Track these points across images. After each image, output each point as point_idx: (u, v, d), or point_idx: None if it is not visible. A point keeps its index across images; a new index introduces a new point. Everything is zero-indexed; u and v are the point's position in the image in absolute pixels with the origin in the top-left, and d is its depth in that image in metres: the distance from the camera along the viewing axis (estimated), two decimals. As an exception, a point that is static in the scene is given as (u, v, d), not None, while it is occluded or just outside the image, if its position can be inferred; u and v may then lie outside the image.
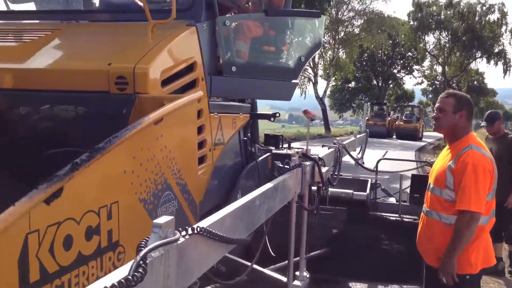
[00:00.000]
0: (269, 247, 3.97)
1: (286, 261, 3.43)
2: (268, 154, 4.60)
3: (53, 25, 3.74)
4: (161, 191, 2.32)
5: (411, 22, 42.63)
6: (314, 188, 3.64)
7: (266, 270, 3.89)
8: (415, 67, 54.94)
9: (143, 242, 1.28)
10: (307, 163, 3.39)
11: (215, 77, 3.56)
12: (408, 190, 6.56)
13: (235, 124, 3.96)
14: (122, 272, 1.15)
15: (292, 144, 5.56)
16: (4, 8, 4.67)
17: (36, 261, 1.56)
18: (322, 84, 43.09)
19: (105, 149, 1.88)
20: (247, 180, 4.06)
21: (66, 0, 4.52)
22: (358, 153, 8.09)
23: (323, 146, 5.54)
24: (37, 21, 4.06)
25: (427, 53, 45.46)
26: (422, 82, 58.65)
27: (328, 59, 40.53)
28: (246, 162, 4.24)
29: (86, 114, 2.90)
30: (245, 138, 4.32)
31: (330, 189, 5.96)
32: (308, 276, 3.81)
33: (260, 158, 4.38)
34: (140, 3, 3.95)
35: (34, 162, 2.98)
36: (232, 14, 3.96)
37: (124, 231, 2.04)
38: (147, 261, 1.16)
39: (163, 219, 1.35)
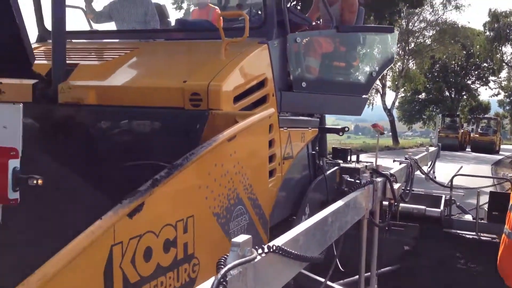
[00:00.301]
0: (337, 262, 3.94)
1: (355, 276, 3.39)
2: (336, 168, 4.57)
3: (132, 44, 3.96)
4: (233, 206, 2.38)
5: (487, 33, 40.84)
6: (385, 203, 3.58)
7: (337, 286, 3.86)
8: (491, 78, 52.41)
9: (222, 260, 1.33)
10: (379, 179, 3.35)
11: (285, 92, 3.61)
12: (485, 207, 6.25)
13: (304, 138, 3.98)
14: (203, 288, 1.20)
15: (359, 156, 5.49)
16: (88, 28, 5.01)
17: (119, 271, 1.66)
18: (390, 95, 42.14)
19: (183, 165, 1.96)
20: (315, 194, 4.06)
21: (143, 20, 4.76)
22: (429, 167, 7.83)
23: (394, 161, 5.42)
24: (117, 40, 4.31)
25: (504, 64, 43.25)
26: (499, 93, 55.78)
27: (397, 70, 39.59)
28: (314, 176, 4.24)
29: (162, 129, 3.04)
30: (313, 152, 4.32)
31: (401, 205, 5.82)
32: (379, 292, 3.74)
33: (328, 172, 4.37)
34: (213, 23, 4.11)
35: (115, 174, 3.16)
36: (303, 31, 4.01)
37: (198, 244, 2.11)
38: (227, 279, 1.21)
39: (241, 238, 1.39)
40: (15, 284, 1.36)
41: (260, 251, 1.49)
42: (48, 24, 4.19)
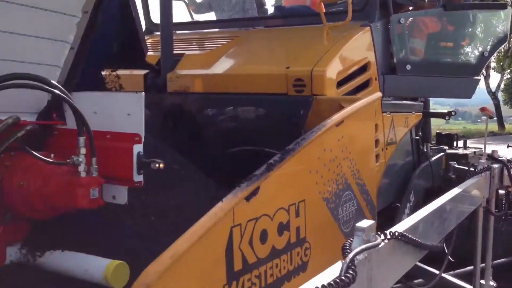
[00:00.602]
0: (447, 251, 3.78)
1: (467, 268, 3.24)
2: (442, 153, 4.37)
3: (232, 32, 4.04)
4: (342, 191, 2.37)
5: None
6: (501, 191, 3.36)
7: (451, 278, 3.71)
8: None
9: (347, 245, 1.33)
10: (495, 165, 3.15)
11: (389, 76, 3.50)
12: None
13: (407, 123, 3.85)
14: (331, 273, 1.21)
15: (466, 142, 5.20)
16: (189, 19, 5.19)
17: (239, 252, 1.72)
18: (494, 77, 39.32)
19: (295, 150, 1.98)
20: (419, 180, 3.92)
21: (242, 9, 4.84)
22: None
23: (508, 146, 5.06)
24: (218, 30, 4.43)
25: None
26: None
27: (502, 49, 36.75)
28: (418, 162, 4.09)
29: (266, 115, 3.09)
30: (417, 137, 4.16)
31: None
32: (495, 285, 3.54)
33: (433, 158, 4.19)
34: (312, 7, 4.07)
35: (220, 159, 3.27)
36: (406, 11, 3.85)
37: (309, 228, 2.12)
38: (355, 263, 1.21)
39: (365, 223, 1.38)
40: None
41: (383, 236, 1.47)
42: (154, 17, 4.41)
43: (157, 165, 1.93)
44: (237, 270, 1.71)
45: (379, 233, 1.47)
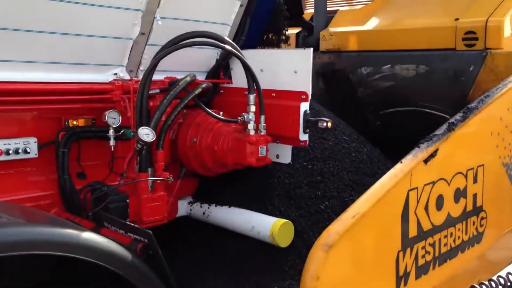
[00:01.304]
0: None
1: None
2: None
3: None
4: (524, 157, 2.12)
5: None
6: None
7: None
8: None
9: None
10: None
11: None
12: None
13: None
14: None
15: None
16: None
17: (414, 217, 1.62)
18: None
19: (478, 108, 1.79)
20: None
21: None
22: None
23: None
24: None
25: None
26: None
27: None
28: None
29: (427, 73, 2.86)
30: None
31: None
32: None
33: None
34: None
35: (374, 119, 3.14)
36: None
37: (487, 196, 1.95)
38: None
39: None
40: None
41: None
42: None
43: (324, 124, 1.88)
44: (412, 236, 1.62)
45: None
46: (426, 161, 1.62)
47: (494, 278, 2.10)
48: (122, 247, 1.38)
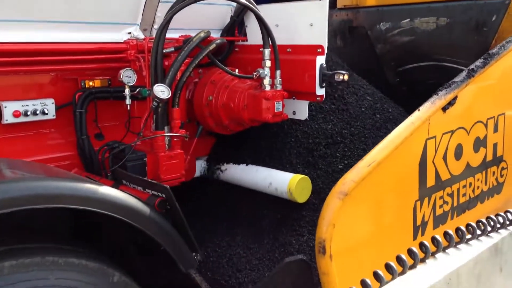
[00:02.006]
0: None
1: None
2: None
3: None
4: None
5: None
6: None
7: None
8: None
9: None
10: None
11: None
12: None
13: None
14: None
15: None
16: None
17: (432, 166, 1.60)
18: None
19: (499, 54, 1.74)
20: None
21: None
22: None
23: None
24: None
25: None
26: None
27: None
28: None
29: (448, 25, 2.78)
30: None
31: None
32: None
33: None
34: None
35: (393, 76, 3.09)
36: None
37: (508, 146, 1.91)
38: None
39: None
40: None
41: None
42: None
43: (341, 77, 1.85)
44: (429, 186, 1.61)
45: None
46: (444, 108, 1.59)
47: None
48: (140, 201, 1.40)
